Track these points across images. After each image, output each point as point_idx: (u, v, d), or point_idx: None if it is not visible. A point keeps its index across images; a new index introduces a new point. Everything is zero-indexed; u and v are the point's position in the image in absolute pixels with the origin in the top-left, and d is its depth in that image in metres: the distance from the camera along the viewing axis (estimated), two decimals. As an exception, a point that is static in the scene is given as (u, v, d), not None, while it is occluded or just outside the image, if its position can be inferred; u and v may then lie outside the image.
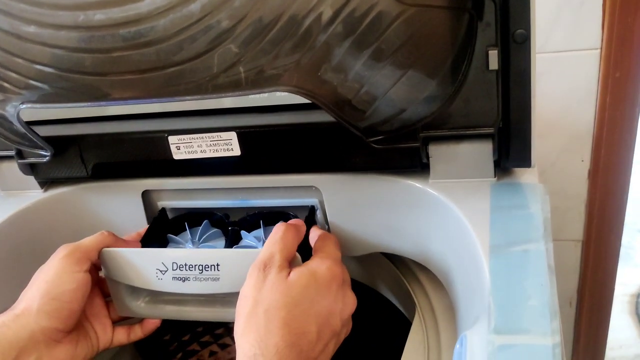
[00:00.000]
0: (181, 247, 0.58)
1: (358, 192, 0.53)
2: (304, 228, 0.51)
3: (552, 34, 0.69)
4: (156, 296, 0.53)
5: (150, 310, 0.53)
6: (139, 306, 0.53)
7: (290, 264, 0.46)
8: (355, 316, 0.50)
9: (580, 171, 0.81)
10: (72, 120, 0.58)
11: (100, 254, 0.51)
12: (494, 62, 0.43)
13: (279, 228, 0.47)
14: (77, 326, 0.50)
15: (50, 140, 0.55)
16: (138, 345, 0.74)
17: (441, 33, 0.43)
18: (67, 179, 0.60)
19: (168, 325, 0.67)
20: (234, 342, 0.84)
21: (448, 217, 0.48)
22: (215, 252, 0.50)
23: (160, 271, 0.50)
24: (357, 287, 0.51)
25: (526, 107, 0.44)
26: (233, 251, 0.51)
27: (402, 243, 0.54)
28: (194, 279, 0.49)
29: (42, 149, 0.56)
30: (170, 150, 0.54)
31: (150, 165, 0.56)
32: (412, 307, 0.57)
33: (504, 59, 0.43)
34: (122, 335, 0.54)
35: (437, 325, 0.54)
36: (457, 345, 0.42)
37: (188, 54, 0.43)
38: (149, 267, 0.50)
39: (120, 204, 0.60)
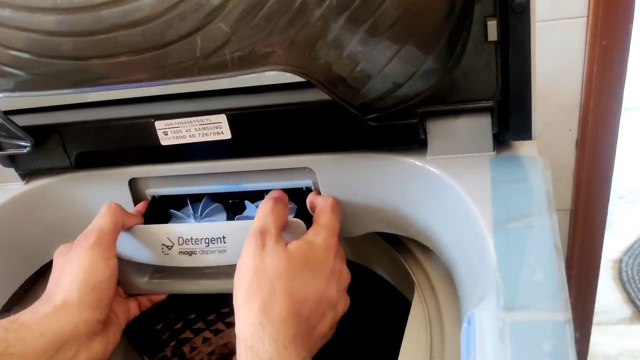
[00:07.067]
0: (184, 222, 0.57)
1: (353, 172, 0.52)
2: (286, 198, 0.51)
3: (538, 3, 0.68)
4: (162, 272, 0.53)
5: (157, 286, 0.53)
6: (145, 283, 0.53)
7: (288, 229, 0.48)
8: (353, 298, 0.49)
9: (567, 141, 0.81)
10: (52, 109, 0.55)
11: None
12: (492, 33, 0.42)
13: (267, 201, 0.48)
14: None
15: (30, 130, 0.53)
16: (130, 336, 0.72)
17: (438, 5, 0.41)
18: (50, 169, 0.57)
19: (160, 314, 0.66)
20: (227, 327, 0.83)
21: (448, 194, 0.47)
22: (220, 225, 0.51)
23: (167, 246, 0.50)
24: (353, 268, 0.51)
25: (526, 79, 0.43)
26: (238, 223, 0.52)
27: (400, 222, 0.53)
28: (201, 252, 0.50)
29: (21, 139, 0.54)
30: (157, 136, 0.52)
31: (137, 153, 0.54)
32: (411, 286, 0.57)
33: (502, 29, 0.42)
34: (134, 309, 0.54)
35: (437, 302, 0.53)
36: (465, 324, 0.41)
37: (176, 34, 0.41)
38: (155, 243, 0.51)
39: (106, 194, 0.58)
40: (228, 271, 0.50)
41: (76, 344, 0.46)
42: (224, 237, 0.49)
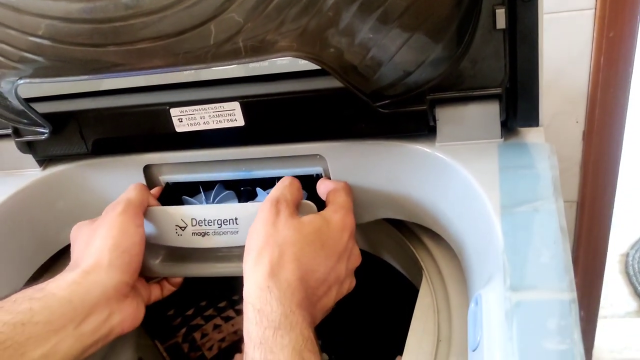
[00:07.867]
0: None
1: (363, 159, 0.53)
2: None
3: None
4: (174, 254, 0.54)
5: (169, 269, 0.54)
6: (157, 265, 0.54)
7: (300, 210, 0.48)
8: (362, 285, 0.50)
9: (575, 132, 0.82)
10: (70, 96, 0.56)
11: None
12: (501, 21, 0.43)
13: (285, 178, 0.50)
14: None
15: (48, 117, 0.54)
16: (142, 321, 0.74)
17: (448, -7, 0.42)
18: (66, 156, 0.59)
19: (172, 300, 0.67)
20: (237, 315, 0.84)
21: (456, 180, 0.48)
22: (233, 207, 0.52)
23: (180, 227, 0.51)
24: (362, 256, 0.52)
25: (533, 66, 0.44)
26: (250, 204, 0.53)
27: (409, 208, 0.54)
28: (213, 233, 0.51)
29: (40, 126, 0.55)
30: (172, 123, 0.53)
31: (152, 139, 0.56)
32: (419, 272, 0.58)
33: (510, 17, 0.43)
34: (157, 291, 0.55)
35: (445, 288, 0.54)
36: (472, 305, 0.43)
37: (191, 23, 0.42)
38: (169, 224, 0.52)
39: (121, 180, 0.59)
40: (240, 254, 0.51)
41: (107, 307, 0.46)
42: (236, 219, 0.50)
